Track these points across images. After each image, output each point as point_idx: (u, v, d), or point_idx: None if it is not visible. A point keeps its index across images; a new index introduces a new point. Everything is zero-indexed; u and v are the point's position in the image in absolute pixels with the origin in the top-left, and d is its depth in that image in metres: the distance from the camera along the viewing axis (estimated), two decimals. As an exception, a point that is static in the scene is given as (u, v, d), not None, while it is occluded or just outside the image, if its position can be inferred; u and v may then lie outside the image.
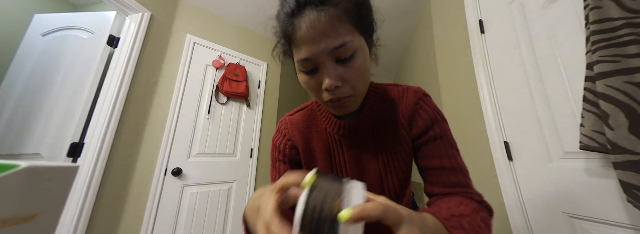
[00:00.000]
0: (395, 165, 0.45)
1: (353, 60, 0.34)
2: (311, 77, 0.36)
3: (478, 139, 1.03)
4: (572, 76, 0.69)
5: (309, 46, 0.33)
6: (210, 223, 1.56)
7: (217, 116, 1.75)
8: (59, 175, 0.16)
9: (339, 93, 0.35)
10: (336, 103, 0.37)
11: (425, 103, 0.45)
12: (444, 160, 0.42)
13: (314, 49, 0.33)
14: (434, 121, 0.44)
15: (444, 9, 1.40)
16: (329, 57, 0.33)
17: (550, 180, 0.74)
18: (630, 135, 0.47)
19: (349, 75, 0.35)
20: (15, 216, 0.14)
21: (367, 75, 0.37)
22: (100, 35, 1.36)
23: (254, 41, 2.14)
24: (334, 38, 0.32)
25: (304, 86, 0.38)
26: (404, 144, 0.45)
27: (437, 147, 0.43)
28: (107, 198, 1.20)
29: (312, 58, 0.33)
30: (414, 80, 2.08)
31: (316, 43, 0.32)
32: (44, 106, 1.26)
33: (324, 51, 0.33)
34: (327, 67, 0.34)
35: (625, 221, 0.55)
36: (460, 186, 0.40)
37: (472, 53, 1.08)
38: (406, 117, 0.46)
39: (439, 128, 0.44)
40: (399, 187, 0.46)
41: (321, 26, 0.32)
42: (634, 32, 0.49)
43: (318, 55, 0.33)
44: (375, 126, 0.46)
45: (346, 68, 0.34)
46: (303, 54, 0.34)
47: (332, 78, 0.34)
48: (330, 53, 0.33)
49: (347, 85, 0.35)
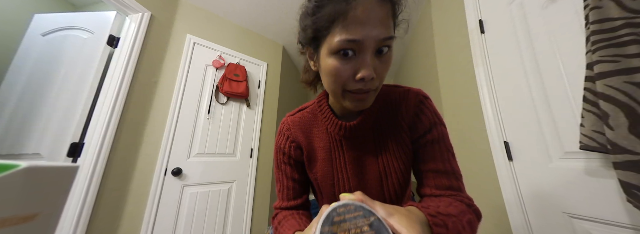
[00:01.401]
0: (396, 166, 0.45)
1: (387, 56, 0.35)
2: (347, 62, 0.35)
3: (478, 139, 1.03)
4: (572, 76, 0.69)
5: (363, 28, 0.32)
6: (210, 223, 1.56)
7: (217, 116, 1.75)
8: (59, 175, 0.16)
9: (369, 85, 0.35)
10: (360, 95, 0.36)
11: (425, 107, 0.46)
12: (438, 164, 0.43)
13: (367, 33, 0.32)
14: (432, 125, 0.45)
15: (444, 9, 1.39)
16: (373, 46, 0.33)
17: (550, 180, 0.74)
18: (630, 135, 0.47)
19: (380, 69, 0.35)
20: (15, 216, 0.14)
21: (388, 72, 0.38)
22: (100, 35, 1.36)
23: (254, 41, 2.14)
24: (386, 28, 0.33)
25: (331, 72, 0.36)
26: (404, 145, 0.46)
27: (434, 151, 0.44)
28: (107, 198, 1.20)
29: (362, 40, 0.32)
30: (414, 80, 2.08)
31: (370, 28, 0.32)
32: (44, 106, 1.26)
33: (375, 38, 0.32)
34: (368, 56, 0.34)
35: (625, 221, 0.55)
36: (452, 189, 0.41)
37: (472, 54, 1.08)
38: (406, 119, 0.46)
39: (437, 132, 0.44)
40: (399, 188, 0.46)
41: (379, 13, 0.32)
42: (634, 32, 0.49)
43: (368, 40, 0.32)
44: (375, 127, 0.47)
45: (380, 63, 0.35)
46: (353, 35, 0.32)
47: (370, 68, 0.33)
48: (377, 43, 0.33)
49: (377, 79, 0.36)
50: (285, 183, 0.52)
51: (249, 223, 1.75)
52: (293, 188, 0.52)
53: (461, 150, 1.13)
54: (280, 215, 0.49)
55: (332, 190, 0.48)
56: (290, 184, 0.52)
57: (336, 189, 0.48)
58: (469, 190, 1.11)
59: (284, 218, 0.47)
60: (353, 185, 0.47)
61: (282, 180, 0.53)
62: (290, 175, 0.52)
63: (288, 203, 0.51)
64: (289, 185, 0.52)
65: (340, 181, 0.48)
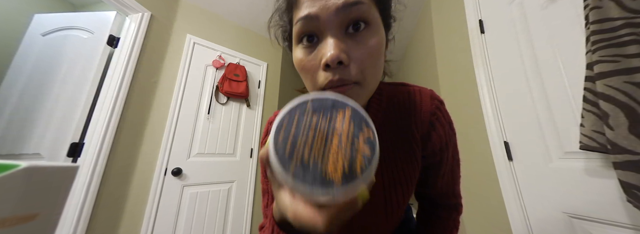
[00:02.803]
0: (401, 178, 0.39)
1: (366, 34, 0.26)
2: (310, 51, 0.27)
3: (478, 139, 1.03)
4: (572, 76, 0.68)
5: (313, 1, 0.25)
6: (210, 223, 1.56)
7: (217, 116, 1.75)
8: (59, 175, 0.16)
9: (342, 74, 0.26)
10: (338, 89, 0.26)
11: (442, 115, 0.39)
12: (446, 176, 0.44)
13: (320, 3, 0.25)
14: (448, 139, 0.40)
15: (444, 9, 1.40)
16: (336, 19, 0.25)
17: (550, 180, 0.74)
18: (630, 135, 0.47)
19: (358, 52, 0.26)
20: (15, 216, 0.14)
21: (380, 62, 0.28)
22: (100, 35, 1.36)
23: (254, 41, 2.14)
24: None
25: (298, 67, 0.29)
26: (412, 157, 0.39)
27: (446, 166, 0.43)
28: (107, 198, 1.20)
29: (316, 15, 0.25)
30: (414, 80, 2.08)
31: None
32: (44, 106, 1.27)
33: (332, 6, 0.25)
34: (330, 35, 0.26)
35: (625, 221, 0.55)
36: (452, 195, 0.45)
37: (472, 54, 1.08)
38: (419, 129, 0.38)
39: (452, 146, 0.42)
40: (402, 199, 0.41)
41: None
42: (634, 32, 0.49)
43: (323, 13, 0.25)
44: (380, 135, 0.39)
45: (356, 43, 0.26)
46: (305, 9, 0.26)
47: (334, 48, 0.25)
48: (340, 13, 0.25)
49: (355, 66, 0.26)
50: (273, 196, 0.42)
51: (249, 223, 1.75)
52: None
53: (461, 150, 1.12)
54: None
55: None
56: None
57: None
58: (469, 189, 1.11)
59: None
60: None
61: (270, 193, 0.41)
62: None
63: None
64: None
65: None
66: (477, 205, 1.03)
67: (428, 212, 0.48)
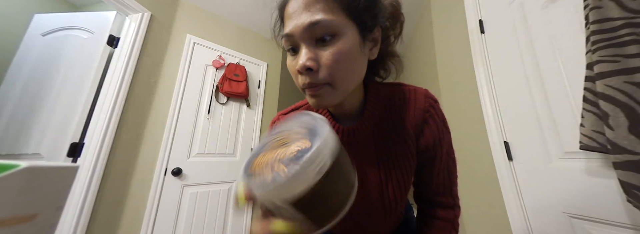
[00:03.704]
0: (397, 174, 0.42)
1: (333, 45, 0.31)
2: (293, 59, 0.34)
3: (478, 139, 1.03)
4: (572, 76, 0.68)
5: (290, 21, 0.32)
6: (210, 223, 1.56)
7: (217, 116, 1.75)
8: (59, 175, 0.16)
9: (313, 78, 0.32)
10: (310, 90, 0.33)
11: (435, 112, 0.42)
12: (442, 174, 0.44)
13: (293, 23, 0.31)
14: (441, 135, 0.42)
15: (444, 9, 1.40)
16: (305, 35, 0.31)
17: (550, 180, 0.74)
18: (630, 135, 0.47)
19: (326, 59, 0.31)
20: (15, 216, 0.14)
21: (349, 64, 0.33)
22: (100, 35, 1.36)
23: (254, 41, 2.14)
24: (313, 13, 0.31)
25: (289, 70, 0.36)
26: (407, 153, 0.42)
27: (440, 163, 0.44)
28: (107, 198, 1.20)
29: (291, 34, 0.32)
30: (413, 80, 2.07)
31: (296, 18, 0.31)
32: (44, 106, 1.26)
33: (301, 26, 0.31)
34: (302, 47, 0.32)
35: (625, 221, 0.55)
36: (450, 195, 0.46)
37: (472, 53, 1.08)
38: (413, 125, 0.42)
39: (446, 143, 0.44)
40: (399, 195, 0.43)
41: (306, 0, 0.31)
42: (634, 32, 0.49)
43: (296, 31, 0.31)
44: (377, 131, 0.42)
45: (324, 52, 0.32)
46: (285, 29, 0.32)
47: (303, 58, 0.31)
48: (307, 30, 0.31)
49: (324, 70, 0.32)
50: None
51: (249, 223, 1.75)
52: None
53: (461, 150, 1.13)
54: None
55: None
56: None
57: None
58: (469, 189, 1.11)
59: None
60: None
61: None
62: None
63: None
64: None
65: None
66: (477, 205, 1.03)
67: (426, 213, 0.48)
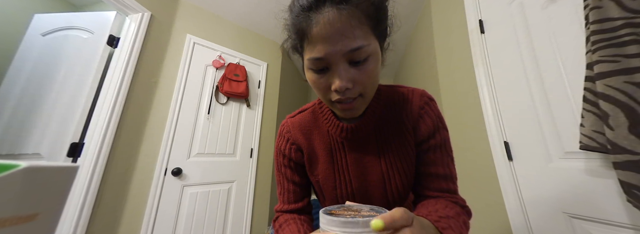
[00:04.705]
0: (399, 167, 0.45)
1: (366, 64, 0.34)
2: (321, 76, 0.35)
3: (478, 139, 1.03)
4: (572, 76, 0.68)
5: (324, 45, 0.32)
6: (210, 223, 1.56)
7: (217, 116, 1.75)
8: (59, 175, 0.16)
9: (349, 94, 0.35)
10: (345, 105, 0.36)
11: (430, 109, 0.45)
12: (439, 168, 0.44)
13: (329, 49, 0.32)
14: (436, 130, 0.45)
15: (444, 9, 1.39)
16: (343, 58, 0.32)
17: (550, 180, 0.74)
18: (630, 135, 0.47)
19: (361, 78, 0.34)
20: (15, 216, 0.14)
21: (377, 78, 0.37)
22: (100, 35, 1.36)
23: (254, 41, 2.14)
24: (351, 39, 0.31)
25: (312, 85, 0.37)
26: (407, 147, 0.45)
27: (436, 156, 0.45)
28: (107, 197, 1.20)
29: (326, 58, 0.32)
30: (413, 80, 2.08)
31: (332, 43, 0.31)
32: (44, 106, 1.26)
33: (340, 52, 0.32)
34: (339, 68, 0.33)
35: (625, 221, 0.55)
36: (448, 192, 0.44)
37: (472, 53, 1.08)
38: (410, 121, 0.45)
39: (440, 137, 0.45)
40: (402, 189, 0.46)
41: (340, 26, 0.31)
42: (634, 32, 0.49)
43: (332, 56, 0.32)
44: (378, 128, 0.46)
45: (359, 71, 0.34)
46: (317, 53, 0.33)
47: (343, 80, 0.33)
48: (345, 55, 0.32)
49: (358, 87, 0.35)
50: (285, 186, 0.52)
51: (249, 223, 1.75)
52: (294, 191, 0.51)
53: (461, 150, 1.13)
54: (282, 218, 0.49)
55: (334, 192, 0.48)
56: (291, 187, 0.51)
57: (338, 191, 0.48)
58: (469, 189, 1.11)
59: (285, 222, 0.47)
60: (355, 186, 0.47)
61: (283, 183, 0.52)
62: (291, 178, 0.51)
63: (289, 206, 0.50)
64: (289, 188, 0.51)
65: (342, 183, 0.47)
66: (477, 205, 1.03)
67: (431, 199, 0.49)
